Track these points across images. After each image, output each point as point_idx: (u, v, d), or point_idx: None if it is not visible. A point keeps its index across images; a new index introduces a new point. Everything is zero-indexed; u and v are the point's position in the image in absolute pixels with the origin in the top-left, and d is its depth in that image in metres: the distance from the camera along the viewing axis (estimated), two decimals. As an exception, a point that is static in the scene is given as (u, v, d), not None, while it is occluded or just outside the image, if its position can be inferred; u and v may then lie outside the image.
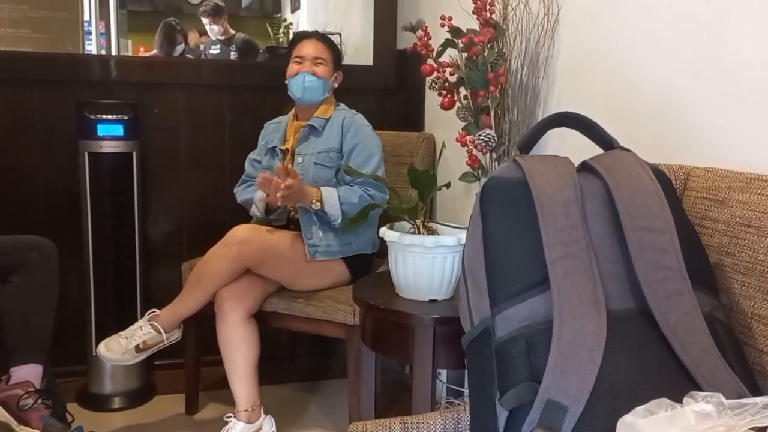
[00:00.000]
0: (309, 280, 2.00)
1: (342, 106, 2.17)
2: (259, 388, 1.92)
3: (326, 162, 2.05)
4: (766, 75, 1.05)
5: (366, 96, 2.48)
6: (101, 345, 1.95)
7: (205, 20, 4.28)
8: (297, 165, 2.06)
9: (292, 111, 2.19)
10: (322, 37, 2.16)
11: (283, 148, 2.13)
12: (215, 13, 4.24)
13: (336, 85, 2.17)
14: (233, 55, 4.07)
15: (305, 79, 2.06)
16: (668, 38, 1.26)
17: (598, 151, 1.03)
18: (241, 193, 2.18)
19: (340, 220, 1.95)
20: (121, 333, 1.96)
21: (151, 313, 1.99)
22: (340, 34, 2.45)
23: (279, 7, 5.79)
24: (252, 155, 2.22)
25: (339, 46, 2.23)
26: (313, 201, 1.93)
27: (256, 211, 2.06)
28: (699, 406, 0.62)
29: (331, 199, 1.94)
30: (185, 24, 4.50)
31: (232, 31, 4.34)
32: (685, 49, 1.22)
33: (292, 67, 2.10)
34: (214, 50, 4.22)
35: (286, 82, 2.12)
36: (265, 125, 2.25)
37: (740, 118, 1.10)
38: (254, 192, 2.07)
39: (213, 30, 4.24)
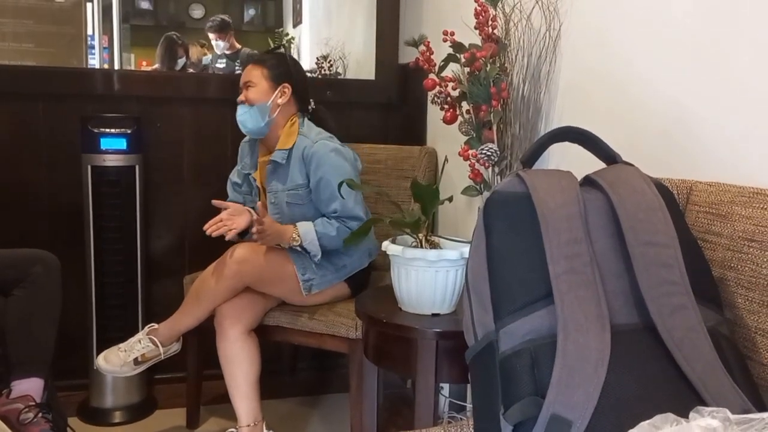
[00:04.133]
0: (309, 298, 2.00)
1: (306, 127, 1.99)
2: (261, 402, 1.92)
3: (297, 200, 1.97)
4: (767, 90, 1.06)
5: (368, 110, 2.50)
6: (100, 357, 1.95)
7: (211, 35, 4.29)
8: (271, 204, 2.01)
9: None
10: (255, 58, 2.04)
11: (256, 181, 2.07)
12: (221, 29, 4.25)
13: (281, 101, 1.97)
14: (238, 70, 4.08)
15: (239, 114, 1.96)
16: (671, 52, 1.27)
17: (601, 165, 1.04)
18: None
19: (320, 256, 1.91)
20: (120, 345, 1.97)
21: (150, 326, 1.99)
22: (283, 45, 2.37)
23: (281, 21, 5.82)
24: (232, 177, 2.16)
25: (285, 57, 2.07)
26: (292, 238, 1.88)
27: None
28: (705, 421, 0.62)
29: (308, 235, 1.88)
30: (187, 38, 4.52)
31: (238, 46, 4.35)
32: (687, 64, 1.23)
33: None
34: (220, 65, 4.23)
35: None
36: (241, 144, 2.16)
37: (744, 132, 1.11)
38: None
39: (219, 45, 4.25)
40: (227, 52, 4.26)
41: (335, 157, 1.93)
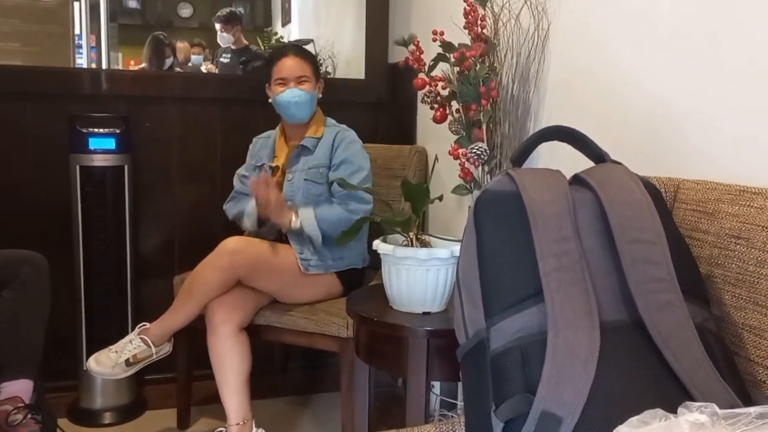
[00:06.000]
0: (301, 292, 2.00)
1: (330, 122, 2.16)
2: (251, 401, 1.91)
3: (317, 178, 2.05)
4: (755, 89, 1.07)
5: (358, 109, 2.50)
6: (91, 359, 1.94)
7: (217, 26, 4.18)
8: (287, 182, 2.06)
9: (279, 127, 2.18)
10: (300, 52, 2.13)
11: (273, 165, 2.13)
12: (228, 21, 4.15)
13: (320, 95, 2.14)
14: (240, 68, 4.00)
15: (293, 95, 2.05)
16: (659, 51, 1.28)
17: (590, 164, 1.05)
18: (231, 208, 2.18)
19: (320, 240, 1.96)
20: (111, 347, 1.95)
21: (141, 326, 1.98)
22: (312, 41, 2.43)
23: (270, 20, 5.81)
24: (240, 171, 2.23)
25: (315, 54, 2.20)
26: (291, 220, 1.95)
27: (247, 223, 2.05)
28: (693, 416, 0.63)
29: (308, 221, 1.95)
30: (175, 38, 4.48)
31: (246, 42, 4.26)
32: (674, 62, 1.24)
33: (276, 89, 2.08)
34: (224, 59, 4.15)
35: (270, 101, 2.11)
36: (254, 140, 2.25)
37: (731, 131, 1.12)
38: (245, 205, 2.07)
39: (224, 37, 4.14)
40: (233, 47, 4.17)
41: (361, 148, 2.12)
